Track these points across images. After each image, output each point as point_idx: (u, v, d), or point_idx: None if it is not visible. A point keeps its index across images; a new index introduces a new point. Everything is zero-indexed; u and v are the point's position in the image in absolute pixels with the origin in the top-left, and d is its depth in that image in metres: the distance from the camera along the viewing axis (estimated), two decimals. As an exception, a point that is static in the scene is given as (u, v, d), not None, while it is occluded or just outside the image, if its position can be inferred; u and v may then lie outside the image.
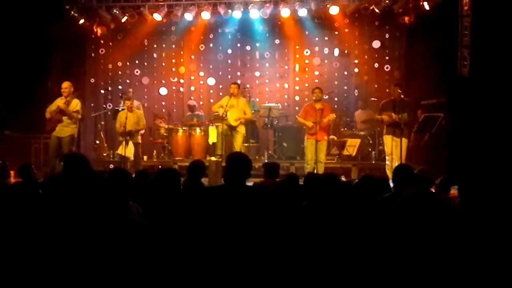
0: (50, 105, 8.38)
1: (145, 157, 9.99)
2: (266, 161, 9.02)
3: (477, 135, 7.81)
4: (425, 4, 9.62)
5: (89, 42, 11.59)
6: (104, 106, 11.15)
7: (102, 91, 11.82)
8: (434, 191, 4.64)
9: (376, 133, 9.80)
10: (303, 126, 8.66)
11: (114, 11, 10.49)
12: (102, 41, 11.59)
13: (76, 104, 8.27)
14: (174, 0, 10.40)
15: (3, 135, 9.52)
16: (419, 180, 4.19)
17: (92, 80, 11.75)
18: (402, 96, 8.10)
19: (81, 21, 10.55)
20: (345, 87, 11.57)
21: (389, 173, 7.54)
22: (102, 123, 11.10)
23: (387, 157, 8.08)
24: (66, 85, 8.28)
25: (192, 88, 12.03)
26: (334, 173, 4.29)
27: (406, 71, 10.89)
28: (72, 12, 10.32)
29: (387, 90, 8.27)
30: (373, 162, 9.65)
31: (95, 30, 10.93)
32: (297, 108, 11.01)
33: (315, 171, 7.76)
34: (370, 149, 9.97)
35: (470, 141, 7.89)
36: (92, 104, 11.60)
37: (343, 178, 8.09)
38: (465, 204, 3.20)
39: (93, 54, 11.79)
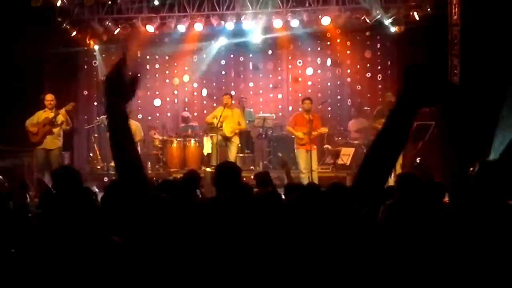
0: (30, 118, 8.40)
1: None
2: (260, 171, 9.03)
3: (470, 142, 7.88)
4: (415, 14, 9.74)
5: (82, 54, 11.60)
6: (97, 118, 11.10)
7: (95, 104, 11.81)
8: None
9: (369, 142, 9.83)
10: (293, 136, 8.71)
11: (107, 23, 10.52)
12: (94, 53, 11.60)
13: (65, 114, 8.46)
14: (167, 11, 10.46)
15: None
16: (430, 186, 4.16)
17: (85, 93, 11.75)
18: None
19: (74, 33, 10.58)
20: (338, 97, 11.65)
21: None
22: (96, 135, 11.07)
23: None
24: (51, 97, 8.49)
25: (186, 99, 12.06)
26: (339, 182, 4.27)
27: (398, 80, 10.98)
28: (65, 25, 10.34)
29: (380, 99, 8.36)
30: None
31: (88, 42, 10.96)
32: (291, 118, 11.06)
33: (310, 180, 7.79)
34: (364, 158, 9.99)
35: (463, 149, 7.95)
36: (85, 117, 11.59)
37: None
38: (457, 209, 3.23)
39: (86, 67, 11.81)
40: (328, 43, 11.50)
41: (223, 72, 11.99)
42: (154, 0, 10.20)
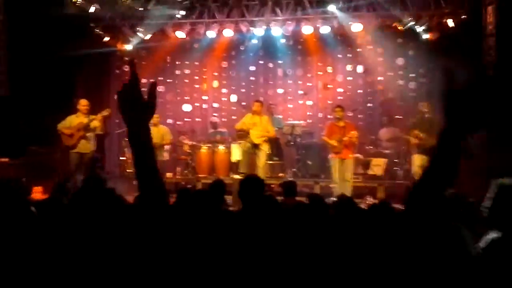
0: (61, 122, 8.51)
1: (169, 174, 10.02)
2: (290, 179, 8.95)
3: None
4: (449, 21, 9.52)
5: (114, 59, 11.77)
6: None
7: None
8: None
9: (401, 152, 9.62)
10: (328, 145, 8.61)
11: (138, 29, 10.63)
12: (126, 58, 11.74)
13: (101, 119, 8.58)
14: (196, 18, 10.51)
15: (29, 151, 9.63)
16: (449, 202, 4.03)
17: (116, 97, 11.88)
18: (426, 115, 8.05)
19: (106, 39, 10.73)
20: (369, 105, 11.50)
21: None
22: (126, 139, 11.17)
23: (415, 177, 7.96)
24: (86, 103, 8.58)
25: (215, 105, 12.10)
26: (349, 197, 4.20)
27: (431, 88, 10.76)
28: (97, 30, 10.51)
29: (412, 109, 8.22)
30: (398, 181, 9.35)
31: (119, 47, 11.10)
32: (320, 125, 10.97)
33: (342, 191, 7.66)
34: (396, 168, 9.73)
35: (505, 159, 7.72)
36: (116, 121, 11.71)
37: (369, 199, 8.03)
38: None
39: (117, 71, 11.97)
40: (359, 50, 11.35)
41: (252, 78, 11.98)
42: (180, 11, 10.23)
